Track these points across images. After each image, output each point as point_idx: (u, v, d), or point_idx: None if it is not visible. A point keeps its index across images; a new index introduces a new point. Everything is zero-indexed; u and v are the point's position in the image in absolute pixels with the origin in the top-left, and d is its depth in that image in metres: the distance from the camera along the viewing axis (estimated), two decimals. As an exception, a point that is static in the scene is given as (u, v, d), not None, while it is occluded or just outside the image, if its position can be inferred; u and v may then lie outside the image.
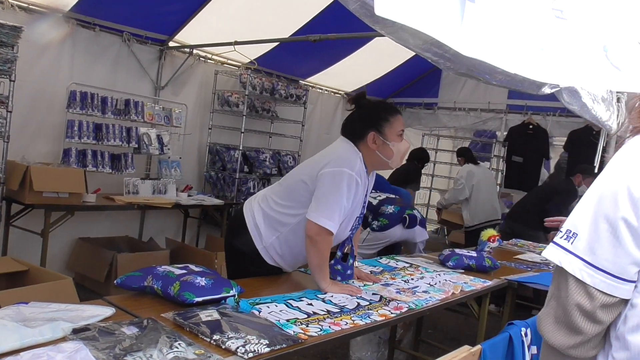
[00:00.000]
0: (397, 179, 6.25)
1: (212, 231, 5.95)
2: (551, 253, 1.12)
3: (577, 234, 1.09)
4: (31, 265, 3.42)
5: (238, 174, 5.80)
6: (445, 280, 2.75)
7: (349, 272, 2.51)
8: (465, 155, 6.66)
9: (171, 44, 5.50)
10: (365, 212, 2.52)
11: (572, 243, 1.09)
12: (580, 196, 1.36)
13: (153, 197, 5.07)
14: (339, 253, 2.46)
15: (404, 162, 6.57)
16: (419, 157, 6.83)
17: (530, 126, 6.77)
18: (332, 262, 2.45)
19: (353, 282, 2.51)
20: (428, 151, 7.92)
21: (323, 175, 2.23)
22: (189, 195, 5.43)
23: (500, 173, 7.32)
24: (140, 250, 4.90)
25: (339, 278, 2.47)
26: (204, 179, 6.09)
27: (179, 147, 5.59)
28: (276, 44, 5.72)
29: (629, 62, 1.37)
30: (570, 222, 1.11)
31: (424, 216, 7.59)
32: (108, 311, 1.60)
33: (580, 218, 1.10)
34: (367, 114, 2.39)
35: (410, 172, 6.67)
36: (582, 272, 1.07)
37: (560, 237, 1.11)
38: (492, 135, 8.10)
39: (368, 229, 4.21)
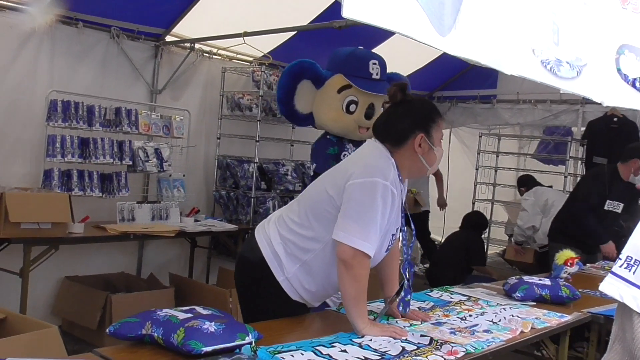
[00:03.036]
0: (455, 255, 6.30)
1: (225, 263, 5.99)
2: (609, 286, 1.09)
3: (639, 261, 1.06)
4: (8, 312, 3.47)
5: (254, 192, 5.85)
6: (512, 315, 2.72)
7: (408, 297, 2.52)
8: (528, 184, 6.65)
9: (168, 38, 5.61)
10: (404, 222, 2.53)
11: (634, 272, 1.06)
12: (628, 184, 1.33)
13: (152, 224, 5.15)
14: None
15: (458, 230, 6.61)
16: (476, 224, 6.77)
17: (615, 119, 6.66)
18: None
19: (397, 321, 2.51)
20: (488, 154, 7.90)
21: (351, 187, 2.25)
22: (195, 221, 5.50)
23: (578, 179, 7.21)
24: (138, 290, 4.97)
25: (400, 308, 2.52)
26: (213, 199, 6.16)
27: (182, 162, 5.68)
28: (293, 33, 5.78)
29: None
30: (632, 247, 1.08)
31: (487, 236, 7.59)
32: (99, 366, 1.63)
33: None
34: (414, 112, 2.42)
35: (469, 244, 6.58)
36: None
37: (620, 266, 1.08)
38: (567, 132, 8.00)
39: None
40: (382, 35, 6.17)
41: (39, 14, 4.53)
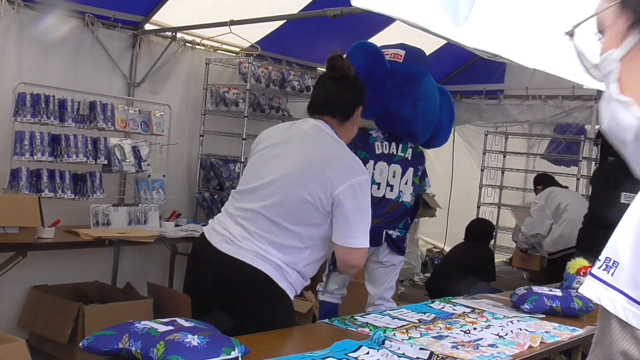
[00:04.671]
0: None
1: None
2: (588, 288, 1.11)
3: (618, 263, 1.08)
4: (-28, 325, 3.48)
5: (240, 195, 5.85)
6: (520, 329, 2.74)
7: None
8: (545, 183, 6.68)
9: (147, 26, 5.61)
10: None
11: (612, 274, 1.08)
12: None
13: (129, 228, 5.14)
14: None
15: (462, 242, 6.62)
16: (481, 234, 6.78)
17: (631, 117, 6.70)
18: None
19: (395, 334, 2.52)
20: (494, 155, 7.92)
21: (341, 195, 2.47)
22: (176, 225, 5.50)
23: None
24: (114, 300, 4.97)
25: None
26: (196, 202, 6.16)
27: (162, 161, 5.68)
28: (283, 22, 5.79)
29: None
30: (611, 247, 1.10)
31: (493, 243, 7.61)
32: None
33: (622, 241, 1.08)
34: (356, 84, 2.78)
35: (477, 260, 6.56)
36: (627, 311, 1.06)
37: (599, 268, 1.10)
38: (580, 130, 8.02)
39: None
40: (379, 25, 6.18)
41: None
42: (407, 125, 4.14)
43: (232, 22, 5.15)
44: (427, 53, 7.03)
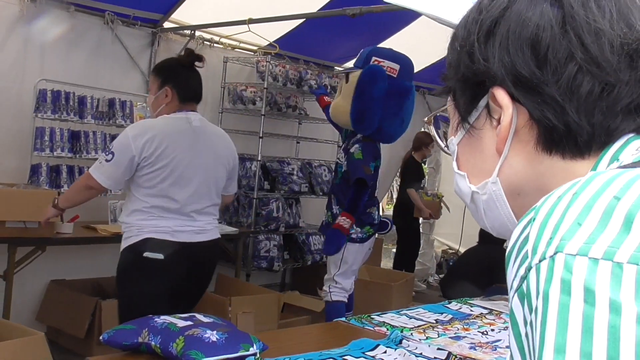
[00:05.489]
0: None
1: (224, 269, 6.01)
2: None
3: None
4: (-11, 318, 3.51)
5: (256, 193, 5.87)
6: (537, 330, 2.72)
7: None
8: None
9: (166, 24, 5.64)
10: None
11: None
12: None
13: (146, 225, 5.15)
14: None
15: (476, 245, 6.71)
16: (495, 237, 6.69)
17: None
18: None
19: (412, 334, 2.51)
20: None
21: (235, 166, 3.57)
22: (192, 222, 5.50)
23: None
24: (130, 296, 4.99)
25: None
26: (212, 200, 6.17)
27: (179, 159, 5.68)
28: (302, 20, 5.79)
29: None
30: None
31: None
32: (93, 376, 1.65)
33: None
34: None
35: (494, 263, 6.53)
36: None
37: None
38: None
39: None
40: (397, 24, 6.19)
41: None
42: (389, 139, 4.47)
43: (251, 21, 5.16)
44: (439, 58, 7.06)
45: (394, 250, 7.98)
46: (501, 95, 0.73)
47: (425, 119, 0.96)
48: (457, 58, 0.79)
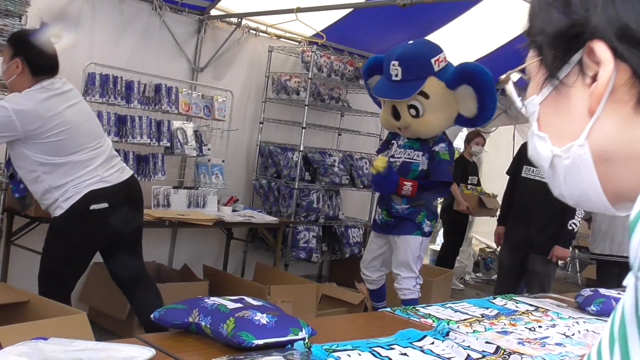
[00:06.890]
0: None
1: (263, 258, 6.04)
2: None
3: None
4: (32, 295, 3.57)
5: (297, 183, 5.88)
6: (587, 330, 2.68)
7: None
8: None
9: (213, 12, 5.67)
10: None
11: None
12: None
13: (189, 211, 5.21)
14: None
15: None
16: None
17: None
18: None
19: (458, 327, 2.49)
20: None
21: None
22: (233, 210, 5.55)
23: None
24: (171, 281, 5.03)
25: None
26: (253, 189, 6.21)
27: (222, 147, 5.74)
28: (349, 10, 5.77)
29: None
30: None
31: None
32: (147, 353, 1.66)
33: None
34: None
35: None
36: None
37: None
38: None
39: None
40: (447, 16, 6.12)
41: None
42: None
43: (299, 9, 5.15)
44: (497, 46, 6.97)
45: (430, 247, 7.93)
46: (602, 49, 0.67)
47: (503, 76, 0.93)
48: (549, 8, 0.74)
